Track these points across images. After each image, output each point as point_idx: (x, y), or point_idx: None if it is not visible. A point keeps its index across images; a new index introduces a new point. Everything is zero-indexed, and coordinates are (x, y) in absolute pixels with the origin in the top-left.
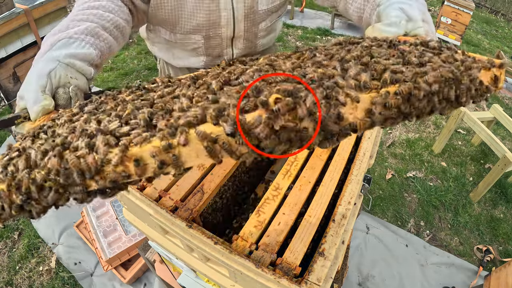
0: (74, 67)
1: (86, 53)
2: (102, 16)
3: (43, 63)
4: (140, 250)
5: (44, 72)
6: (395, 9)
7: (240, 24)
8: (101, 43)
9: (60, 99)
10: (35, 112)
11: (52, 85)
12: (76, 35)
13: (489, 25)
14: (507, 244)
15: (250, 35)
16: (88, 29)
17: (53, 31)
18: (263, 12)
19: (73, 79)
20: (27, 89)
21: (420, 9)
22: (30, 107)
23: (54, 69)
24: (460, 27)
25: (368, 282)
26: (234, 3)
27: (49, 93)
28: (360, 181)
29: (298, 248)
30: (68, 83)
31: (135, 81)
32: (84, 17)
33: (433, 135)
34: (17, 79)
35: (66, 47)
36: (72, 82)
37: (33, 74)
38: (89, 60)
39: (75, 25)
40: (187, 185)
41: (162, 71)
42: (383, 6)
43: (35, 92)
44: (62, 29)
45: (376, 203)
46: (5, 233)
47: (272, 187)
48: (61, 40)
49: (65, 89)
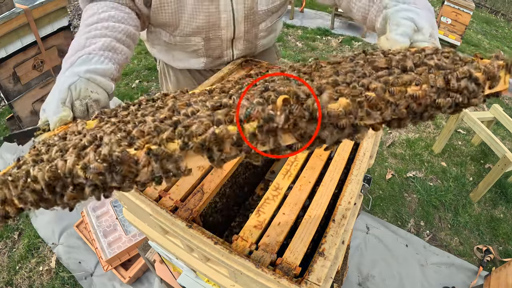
0: (95, 81)
1: (105, 68)
2: (114, 28)
3: (64, 78)
4: (140, 250)
5: (65, 86)
6: (405, 18)
7: (240, 25)
8: (118, 56)
9: (77, 111)
10: (54, 123)
11: (72, 98)
12: (94, 52)
13: (489, 25)
14: (507, 244)
15: (250, 36)
16: (104, 45)
17: (71, 52)
18: (263, 13)
19: (94, 93)
20: (48, 102)
21: (428, 20)
22: (50, 118)
23: (75, 83)
24: (460, 27)
25: (368, 282)
26: (234, 4)
27: (69, 105)
28: (360, 181)
29: (298, 248)
30: (89, 97)
31: (135, 81)
32: (98, 32)
33: (433, 135)
34: (17, 79)
35: (86, 63)
36: (92, 96)
37: (55, 89)
38: (109, 75)
39: (91, 43)
40: (187, 185)
41: (162, 73)
42: (392, 10)
43: (55, 104)
44: (79, 48)
45: (376, 203)
46: (5, 233)
47: (272, 187)
48: (81, 57)
49: (81, 101)
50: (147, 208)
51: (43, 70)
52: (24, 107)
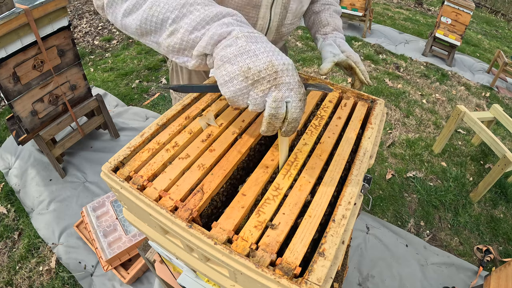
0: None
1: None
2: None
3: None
4: (140, 250)
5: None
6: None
7: (270, 35)
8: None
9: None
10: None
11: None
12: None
13: (489, 25)
14: (507, 244)
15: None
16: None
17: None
18: (288, 25)
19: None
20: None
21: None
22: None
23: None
24: (460, 27)
25: (368, 282)
26: (272, 14)
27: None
28: (360, 181)
29: (298, 248)
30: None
31: (135, 81)
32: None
33: (433, 135)
34: (17, 79)
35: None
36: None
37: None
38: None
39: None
40: (187, 185)
41: (174, 70)
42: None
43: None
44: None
45: (376, 203)
46: (5, 233)
47: (272, 187)
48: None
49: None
50: (147, 208)
51: (43, 70)
52: (24, 107)
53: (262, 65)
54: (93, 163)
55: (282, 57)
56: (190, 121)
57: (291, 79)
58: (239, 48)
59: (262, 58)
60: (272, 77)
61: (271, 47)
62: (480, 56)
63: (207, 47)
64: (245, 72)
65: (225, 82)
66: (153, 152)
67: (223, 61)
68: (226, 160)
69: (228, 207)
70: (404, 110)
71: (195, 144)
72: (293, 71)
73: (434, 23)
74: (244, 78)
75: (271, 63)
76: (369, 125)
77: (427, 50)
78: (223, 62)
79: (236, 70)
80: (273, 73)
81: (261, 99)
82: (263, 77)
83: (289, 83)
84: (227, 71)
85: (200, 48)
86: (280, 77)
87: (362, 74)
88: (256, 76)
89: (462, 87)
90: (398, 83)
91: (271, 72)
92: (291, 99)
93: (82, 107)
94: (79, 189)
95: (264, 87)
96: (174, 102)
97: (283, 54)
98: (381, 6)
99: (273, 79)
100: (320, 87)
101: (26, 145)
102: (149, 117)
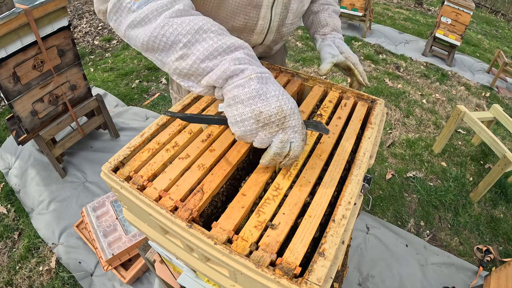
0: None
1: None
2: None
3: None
4: (140, 250)
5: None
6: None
7: (270, 35)
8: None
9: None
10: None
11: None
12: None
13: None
14: (507, 244)
15: (272, 43)
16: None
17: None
18: (289, 25)
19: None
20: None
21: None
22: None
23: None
24: (460, 27)
25: (368, 282)
26: (273, 14)
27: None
28: (360, 181)
29: (298, 248)
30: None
31: (135, 81)
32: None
33: (433, 135)
34: (17, 79)
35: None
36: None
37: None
38: None
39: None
40: (187, 185)
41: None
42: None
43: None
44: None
45: (376, 203)
46: (5, 233)
47: (272, 187)
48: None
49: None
50: (147, 208)
51: (43, 70)
52: (24, 107)
53: (273, 110)
54: (93, 163)
55: (289, 101)
56: None
57: (297, 122)
58: (251, 90)
59: (272, 103)
60: (281, 121)
61: (280, 89)
62: (480, 56)
63: (217, 81)
64: (257, 116)
65: (236, 122)
66: (153, 152)
67: (236, 101)
68: (226, 160)
69: (228, 207)
70: (404, 110)
71: (195, 144)
72: (298, 114)
73: (434, 23)
74: (255, 121)
75: (280, 108)
76: (369, 125)
77: (427, 50)
78: (235, 102)
79: (249, 113)
80: (282, 118)
81: (268, 140)
82: (273, 121)
83: (295, 126)
84: (239, 112)
85: (210, 80)
86: (288, 121)
87: (361, 75)
88: (267, 120)
89: (462, 87)
90: (398, 83)
91: (280, 117)
92: (295, 139)
93: (82, 107)
94: (79, 189)
95: (272, 130)
96: (174, 102)
97: (289, 97)
98: (381, 6)
99: (281, 123)
100: (317, 127)
101: (26, 145)
102: (149, 117)
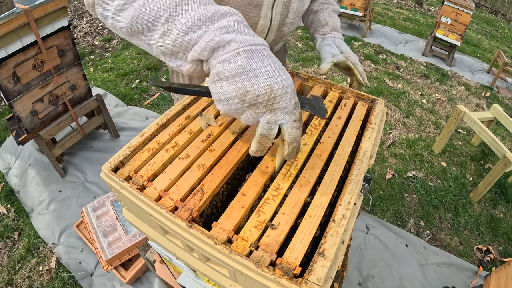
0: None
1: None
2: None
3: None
4: (140, 250)
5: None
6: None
7: (271, 34)
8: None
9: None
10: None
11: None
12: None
13: (489, 25)
14: (507, 244)
15: (273, 43)
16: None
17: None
18: (290, 24)
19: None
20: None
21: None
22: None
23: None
24: (460, 27)
25: (368, 282)
26: (274, 14)
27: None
28: (360, 181)
29: (298, 248)
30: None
31: (135, 81)
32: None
33: (433, 135)
34: (17, 79)
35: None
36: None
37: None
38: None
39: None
40: (187, 185)
41: (175, 71)
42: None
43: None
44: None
45: (376, 203)
46: (5, 233)
47: (272, 187)
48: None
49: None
50: (147, 208)
51: (43, 70)
52: (24, 107)
53: (261, 89)
54: (93, 163)
55: (282, 79)
56: (190, 121)
57: (288, 103)
58: (237, 66)
59: (261, 81)
60: (269, 102)
61: (273, 64)
62: (480, 56)
63: (202, 54)
64: (242, 95)
65: (220, 100)
66: (153, 152)
67: (220, 77)
68: (226, 160)
69: (228, 207)
70: (404, 110)
71: (195, 144)
72: (291, 94)
73: (434, 23)
74: (240, 101)
75: (270, 87)
76: (369, 125)
77: (427, 50)
78: (220, 78)
79: (233, 91)
80: (271, 99)
81: (254, 119)
82: (260, 102)
83: (286, 107)
84: (224, 90)
85: (195, 53)
86: (277, 102)
87: (360, 75)
88: (254, 100)
89: (462, 87)
90: (398, 83)
91: (269, 97)
92: (285, 121)
93: (82, 107)
94: (79, 189)
95: (259, 111)
96: (175, 102)
97: (284, 73)
98: (381, 6)
99: (269, 104)
100: (314, 108)
101: (26, 145)
102: (149, 117)
